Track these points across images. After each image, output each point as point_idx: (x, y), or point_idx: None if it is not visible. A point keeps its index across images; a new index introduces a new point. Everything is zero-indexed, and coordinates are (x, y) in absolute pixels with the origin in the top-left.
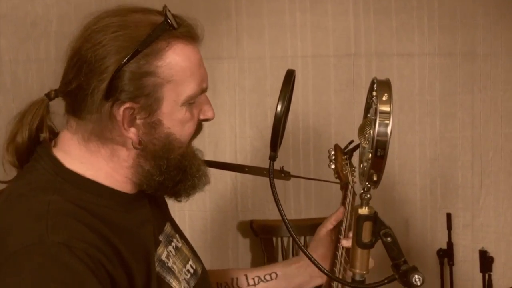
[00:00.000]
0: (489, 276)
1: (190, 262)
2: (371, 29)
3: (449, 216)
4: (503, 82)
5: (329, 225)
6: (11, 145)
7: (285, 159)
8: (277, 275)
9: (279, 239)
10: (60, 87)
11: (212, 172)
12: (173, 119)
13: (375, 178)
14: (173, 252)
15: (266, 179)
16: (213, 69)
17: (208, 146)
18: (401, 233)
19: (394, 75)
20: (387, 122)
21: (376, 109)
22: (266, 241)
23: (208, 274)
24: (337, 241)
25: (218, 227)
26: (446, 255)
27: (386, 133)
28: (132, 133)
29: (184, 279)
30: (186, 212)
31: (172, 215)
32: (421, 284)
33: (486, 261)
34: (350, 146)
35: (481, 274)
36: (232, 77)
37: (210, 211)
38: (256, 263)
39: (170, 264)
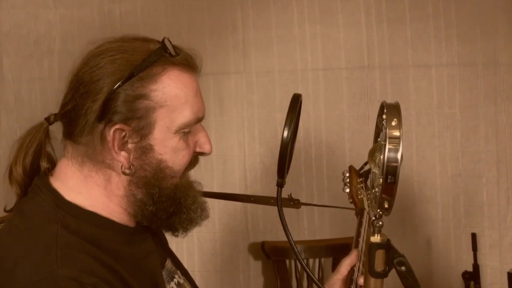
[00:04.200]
0: None
1: None
2: (385, 40)
3: (474, 236)
4: None
5: (344, 271)
6: (12, 173)
7: (297, 177)
8: None
9: (293, 261)
10: (59, 110)
11: (222, 191)
12: (166, 146)
13: (386, 205)
14: None
15: None
16: (220, 85)
17: (216, 164)
18: (423, 255)
19: (410, 87)
20: (397, 147)
21: (385, 134)
22: (279, 263)
23: None
24: (350, 282)
25: (228, 249)
26: (472, 277)
27: (396, 159)
28: (122, 156)
29: None
30: (194, 234)
31: (180, 238)
32: None
33: None
34: (366, 167)
35: None
36: (240, 92)
37: (219, 232)
38: (269, 286)
39: None
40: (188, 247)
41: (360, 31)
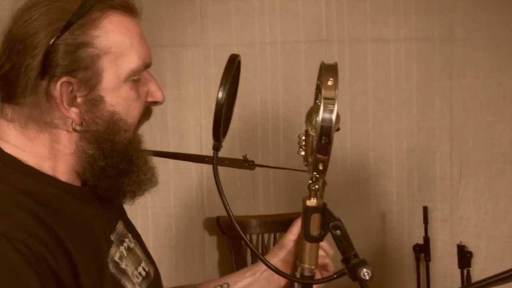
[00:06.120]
0: (468, 272)
1: (143, 264)
2: (344, 13)
3: (425, 209)
4: (483, 68)
5: (296, 232)
6: None
7: (253, 151)
8: (228, 285)
9: (247, 236)
10: None
11: (177, 166)
12: (117, 96)
13: (321, 167)
14: (125, 253)
15: (234, 173)
16: (176, 58)
17: (172, 139)
18: (377, 228)
19: (368, 61)
20: (332, 108)
21: (321, 94)
22: (234, 238)
23: (161, 277)
24: None
25: (183, 225)
26: (423, 250)
27: (330, 120)
28: (73, 112)
29: (136, 282)
30: (149, 209)
31: (135, 212)
32: (370, 278)
33: (464, 256)
34: None
35: (459, 270)
36: (197, 65)
37: (174, 207)
38: (224, 261)
39: (123, 266)
40: (142, 223)
41: (319, 4)
